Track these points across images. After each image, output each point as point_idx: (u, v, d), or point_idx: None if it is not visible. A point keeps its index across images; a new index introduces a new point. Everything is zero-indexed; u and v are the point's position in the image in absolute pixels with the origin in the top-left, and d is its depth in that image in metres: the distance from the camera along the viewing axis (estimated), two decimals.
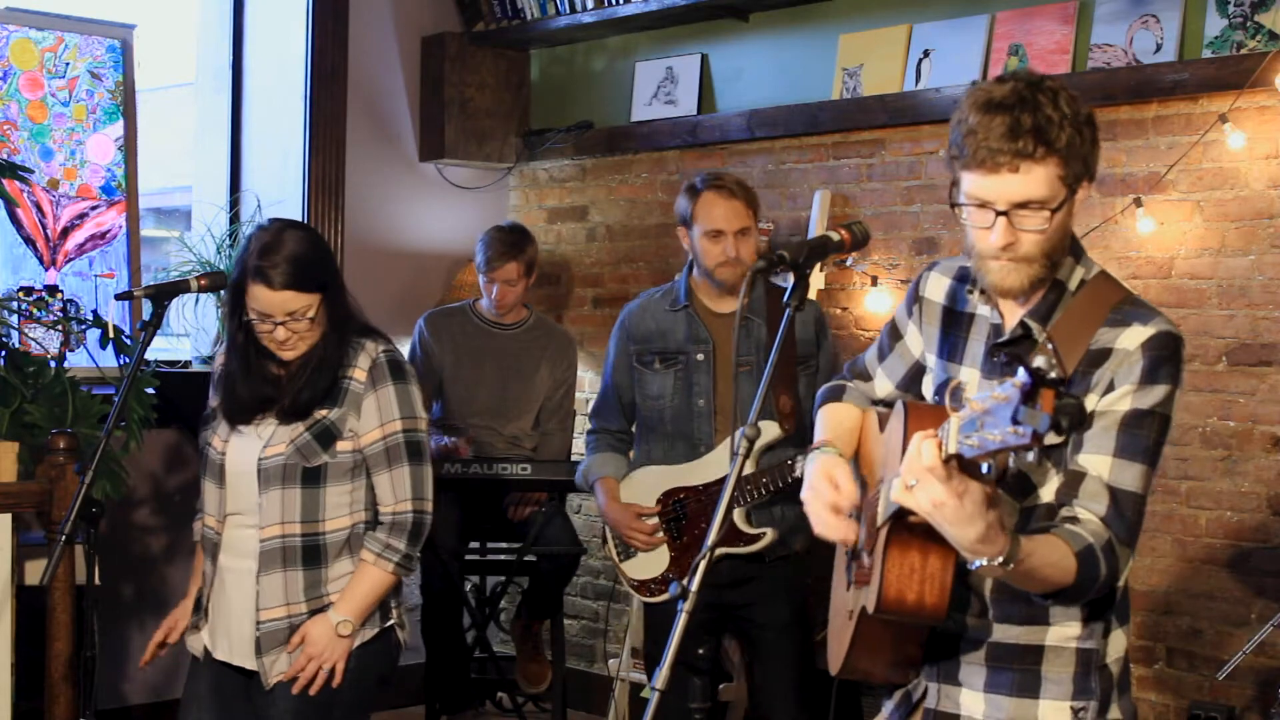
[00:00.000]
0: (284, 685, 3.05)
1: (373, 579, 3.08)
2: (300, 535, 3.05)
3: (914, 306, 2.42)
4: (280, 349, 3.04)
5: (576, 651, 5.60)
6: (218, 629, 3.13)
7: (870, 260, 4.76)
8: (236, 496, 3.09)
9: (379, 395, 3.08)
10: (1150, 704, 4.14)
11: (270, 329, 3.01)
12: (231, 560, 3.10)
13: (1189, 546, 4.08)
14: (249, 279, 2.99)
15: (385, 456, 3.10)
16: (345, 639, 3.05)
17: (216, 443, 3.12)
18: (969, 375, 2.29)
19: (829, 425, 2.48)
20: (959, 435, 1.79)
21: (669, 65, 5.40)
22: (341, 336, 3.09)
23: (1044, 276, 2.17)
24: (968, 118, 2.12)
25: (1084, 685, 2.22)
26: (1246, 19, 3.98)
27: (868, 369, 2.54)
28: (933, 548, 2.06)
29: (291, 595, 3.06)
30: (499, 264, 4.87)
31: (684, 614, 2.18)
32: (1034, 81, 2.12)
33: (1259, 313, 3.97)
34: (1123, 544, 2.11)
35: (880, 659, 2.29)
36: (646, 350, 3.88)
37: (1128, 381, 2.12)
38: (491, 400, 4.93)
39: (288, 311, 3.00)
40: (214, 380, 3.20)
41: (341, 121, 5.45)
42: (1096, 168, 2.18)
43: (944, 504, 1.87)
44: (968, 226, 2.18)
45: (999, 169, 2.09)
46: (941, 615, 2.10)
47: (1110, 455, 2.12)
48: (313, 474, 3.05)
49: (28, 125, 4.85)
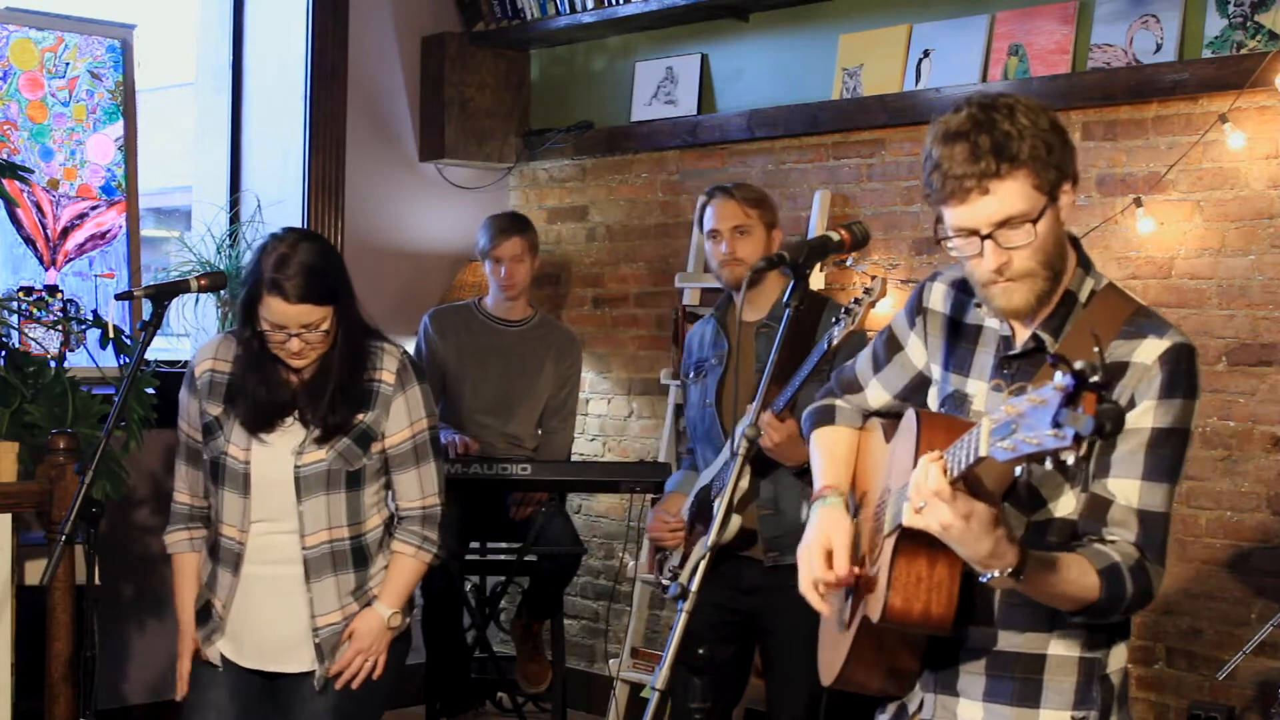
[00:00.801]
0: (326, 682, 3.10)
1: (414, 570, 3.18)
2: (348, 539, 3.11)
3: (917, 317, 2.41)
4: (293, 359, 3.05)
5: (576, 651, 5.61)
6: (242, 636, 3.13)
7: (870, 260, 4.76)
8: (266, 504, 3.08)
9: (408, 396, 3.13)
10: (1150, 704, 4.14)
11: (284, 340, 3.01)
12: (262, 568, 3.10)
13: (1189, 546, 4.08)
14: (264, 291, 2.98)
15: (414, 454, 3.16)
16: (391, 631, 3.14)
17: (235, 451, 3.09)
18: (976, 388, 2.28)
19: (828, 461, 2.47)
20: (990, 439, 1.79)
21: (669, 65, 5.40)
22: (356, 348, 3.11)
23: (1049, 288, 2.16)
24: (931, 153, 2.13)
25: (1085, 695, 2.21)
26: (1246, 19, 3.98)
27: (858, 379, 2.52)
28: (940, 557, 2.05)
29: (345, 598, 3.12)
30: (501, 240, 4.86)
31: (684, 614, 2.18)
32: (986, 103, 2.11)
33: (1259, 313, 3.97)
34: (1153, 563, 2.12)
35: (877, 670, 2.28)
36: (689, 364, 3.97)
37: (1147, 397, 2.12)
38: (495, 398, 4.93)
39: (302, 324, 3.00)
40: (198, 386, 3.16)
41: (341, 121, 5.45)
42: (1074, 169, 2.16)
43: (952, 525, 1.90)
44: (961, 260, 2.18)
45: (968, 195, 2.09)
46: (948, 625, 2.09)
47: (1139, 479, 2.12)
48: (355, 477, 3.10)
49: (28, 125, 4.85)
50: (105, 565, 4.05)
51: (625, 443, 5.56)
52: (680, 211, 5.39)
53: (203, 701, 3.16)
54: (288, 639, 3.09)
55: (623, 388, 5.58)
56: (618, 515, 5.54)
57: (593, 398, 5.64)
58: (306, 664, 3.11)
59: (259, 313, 3.01)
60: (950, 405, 2.30)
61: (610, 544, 5.59)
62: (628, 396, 5.56)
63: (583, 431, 5.63)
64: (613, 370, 5.61)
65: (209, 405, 3.14)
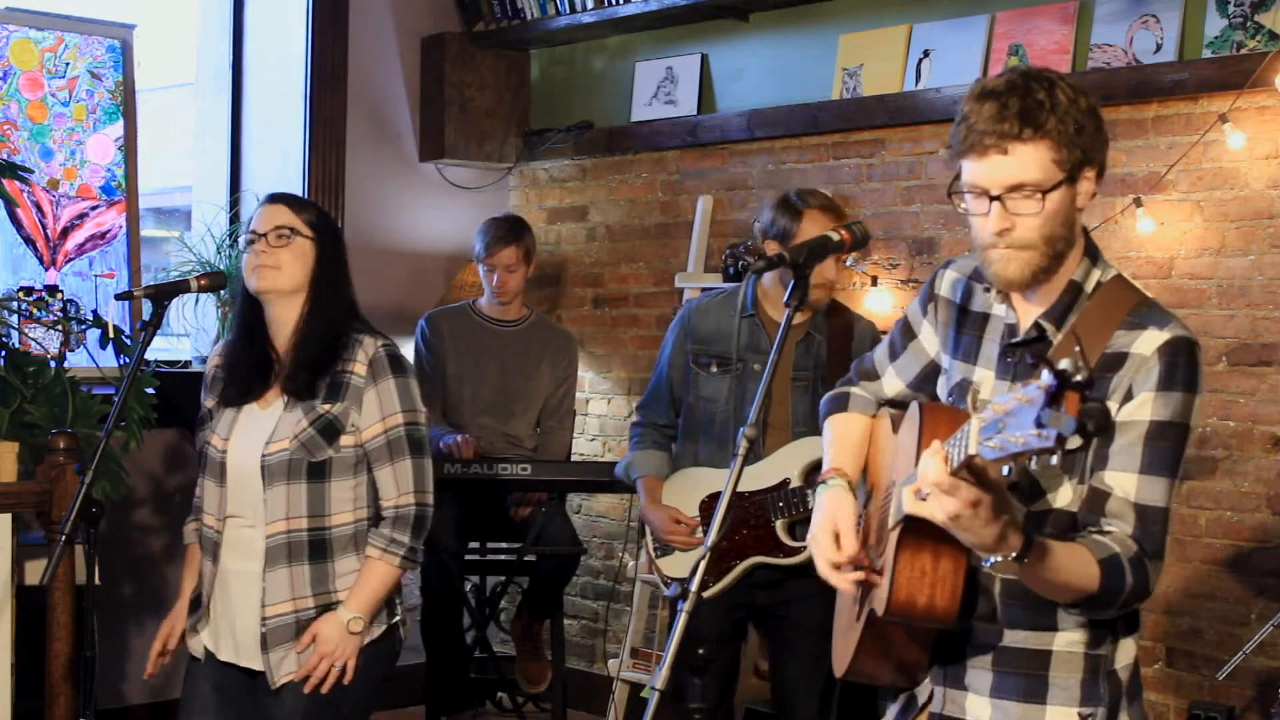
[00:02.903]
0: (292, 685, 3.05)
1: (380, 574, 3.08)
2: (306, 530, 3.05)
3: (929, 305, 2.41)
4: (258, 269, 3.06)
5: (576, 651, 5.60)
6: (221, 630, 3.12)
7: (870, 260, 4.76)
8: (239, 496, 3.09)
9: (379, 389, 3.08)
10: (1150, 704, 4.14)
11: (259, 248, 3.07)
12: (236, 562, 3.09)
13: (1189, 546, 4.08)
14: (256, 210, 3.14)
15: (387, 450, 3.10)
16: (356, 636, 3.06)
17: (216, 441, 3.12)
18: (982, 376, 2.28)
19: (837, 445, 2.48)
20: (979, 437, 1.79)
21: (669, 65, 5.40)
22: (331, 315, 3.11)
23: (1046, 266, 2.15)
24: (963, 108, 2.15)
25: (1092, 691, 2.20)
26: (1246, 19, 3.98)
27: (876, 368, 2.53)
28: (944, 550, 2.05)
29: (298, 590, 3.06)
30: (497, 249, 4.88)
31: (684, 614, 2.18)
32: (1029, 73, 2.14)
33: (1259, 313, 3.97)
34: (1152, 558, 2.10)
35: (887, 662, 2.28)
36: (705, 352, 3.87)
37: (1146, 388, 2.11)
38: (492, 398, 4.94)
39: (274, 225, 3.06)
40: (206, 383, 3.21)
41: (341, 121, 5.45)
42: (1103, 159, 2.17)
43: (959, 515, 1.89)
44: (969, 218, 2.18)
45: (987, 151, 2.10)
46: (952, 618, 2.09)
47: (1137, 473, 2.11)
48: (318, 469, 3.05)
49: (28, 125, 4.85)
50: (105, 565, 4.06)
51: (625, 443, 5.55)
52: (680, 211, 5.39)
53: (188, 694, 3.17)
54: (254, 636, 3.07)
55: (623, 388, 5.58)
56: (618, 515, 5.54)
57: (593, 398, 5.64)
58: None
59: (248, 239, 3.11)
60: (958, 394, 2.31)
61: (610, 544, 5.59)
62: (628, 396, 5.56)
63: (583, 431, 5.63)
64: (613, 370, 5.61)
65: (207, 398, 3.19)
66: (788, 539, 3.70)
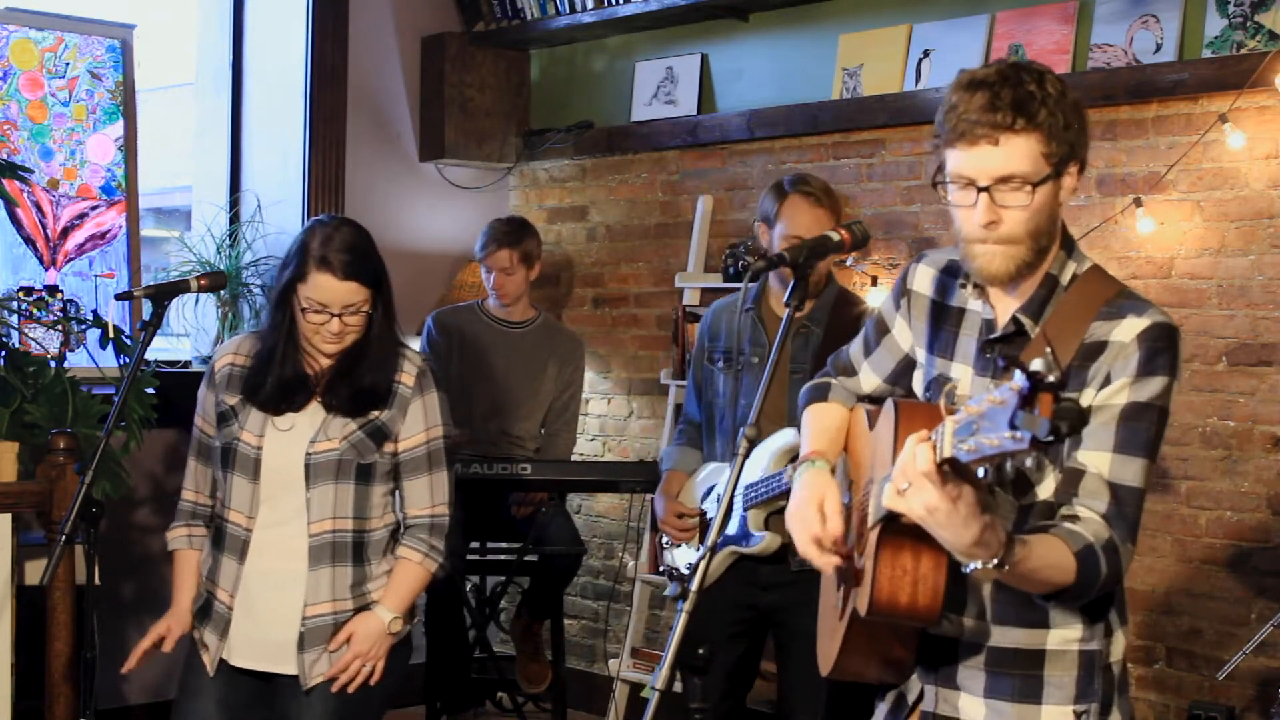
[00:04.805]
0: (322, 686, 3.05)
1: (419, 578, 3.15)
2: (351, 531, 3.08)
3: (901, 299, 2.39)
4: (329, 343, 3.04)
5: (576, 651, 5.60)
6: (239, 633, 3.09)
7: (870, 260, 4.76)
8: (273, 494, 3.06)
9: (425, 401, 3.13)
10: (1150, 704, 4.14)
11: (325, 320, 3.01)
12: (267, 561, 3.07)
13: (1189, 546, 4.08)
14: (312, 268, 3.00)
15: (427, 460, 3.15)
16: (391, 637, 3.10)
17: (249, 438, 3.07)
18: (961, 372, 2.27)
19: (815, 430, 2.46)
20: (954, 439, 1.76)
21: (669, 65, 5.40)
22: (390, 338, 3.12)
23: (1030, 261, 2.15)
24: (950, 98, 2.14)
25: (1087, 688, 2.20)
26: (1246, 19, 3.98)
27: (852, 363, 2.52)
28: (925, 549, 2.03)
29: (339, 591, 3.08)
30: (491, 250, 4.91)
31: (684, 614, 2.18)
32: (1018, 64, 2.13)
33: (1259, 313, 3.97)
34: (1124, 541, 2.08)
35: (872, 660, 2.27)
36: (715, 349, 3.91)
37: (1124, 374, 2.10)
38: (497, 399, 4.94)
39: (346, 304, 3.02)
40: (216, 380, 3.15)
41: (341, 121, 5.45)
42: (1084, 156, 2.16)
43: (937, 509, 1.84)
44: (952, 210, 2.16)
45: (978, 141, 2.09)
46: (934, 617, 2.08)
47: (1110, 451, 2.10)
48: (365, 471, 3.08)
49: (28, 125, 4.85)
50: (105, 565, 4.05)
51: (625, 443, 5.56)
52: (680, 211, 5.39)
53: (189, 708, 3.12)
54: (286, 638, 3.06)
55: (623, 388, 5.58)
56: (618, 515, 5.54)
57: (593, 398, 5.64)
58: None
59: (300, 294, 3.01)
60: (935, 389, 2.29)
61: (610, 544, 5.59)
62: (628, 396, 5.56)
63: (583, 431, 5.63)
64: (613, 370, 5.61)
65: (226, 396, 3.12)
66: (755, 528, 3.68)
